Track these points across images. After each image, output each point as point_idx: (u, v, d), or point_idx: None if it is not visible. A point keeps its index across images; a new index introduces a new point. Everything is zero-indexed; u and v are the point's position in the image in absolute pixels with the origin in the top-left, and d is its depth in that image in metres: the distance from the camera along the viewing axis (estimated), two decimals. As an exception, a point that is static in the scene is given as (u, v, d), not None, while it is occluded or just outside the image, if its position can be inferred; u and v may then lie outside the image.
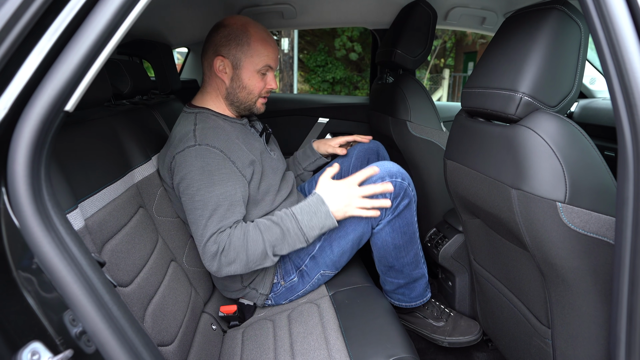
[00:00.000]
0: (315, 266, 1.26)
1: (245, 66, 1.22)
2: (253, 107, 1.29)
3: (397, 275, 1.34)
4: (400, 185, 1.22)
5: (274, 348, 1.05)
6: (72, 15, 0.53)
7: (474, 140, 1.01)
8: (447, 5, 2.01)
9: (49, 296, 0.53)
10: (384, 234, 1.27)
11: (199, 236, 1.10)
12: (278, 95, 2.68)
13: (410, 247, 1.30)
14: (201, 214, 1.10)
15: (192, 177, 1.11)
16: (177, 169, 1.14)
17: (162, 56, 1.86)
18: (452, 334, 1.44)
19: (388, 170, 1.22)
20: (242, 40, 1.21)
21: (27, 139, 0.52)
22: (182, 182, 1.13)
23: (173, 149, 1.17)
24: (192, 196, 1.11)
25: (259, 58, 1.22)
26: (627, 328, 0.63)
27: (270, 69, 1.27)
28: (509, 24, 0.94)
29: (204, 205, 1.10)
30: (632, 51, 0.58)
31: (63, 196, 0.78)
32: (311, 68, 11.00)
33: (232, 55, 1.22)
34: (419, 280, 1.37)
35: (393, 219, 1.24)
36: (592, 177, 0.77)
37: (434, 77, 11.15)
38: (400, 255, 1.30)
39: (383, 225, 1.25)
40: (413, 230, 1.30)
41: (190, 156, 1.12)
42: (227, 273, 1.11)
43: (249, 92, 1.25)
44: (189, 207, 1.12)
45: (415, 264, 1.34)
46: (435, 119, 1.69)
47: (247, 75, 1.23)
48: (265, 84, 1.27)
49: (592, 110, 2.04)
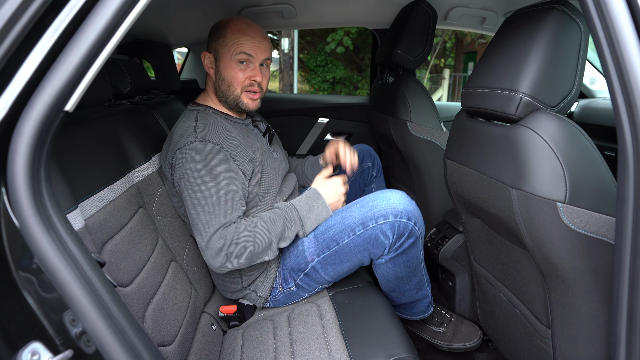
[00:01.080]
0: (311, 282, 1.25)
1: (222, 57, 1.23)
2: (239, 102, 1.25)
3: (399, 296, 1.33)
4: (405, 226, 1.14)
5: (274, 348, 1.05)
6: (72, 15, 0.53)
7: (474, 140, 1.01)
8: (447, 5, 2.01)
9: (48, 296, 0.53)
10: (386, 267, 1.23)
11: (201, 231, 1.10)
12: (278, 95, 2.67)
13: (413, 276, 1.27)
14: (202, 209, 1.10)
15: (193, 172, 1.11)
16: (178, 164, 1.14)
17: (162, 56, 1.86)
18: (452, 340, 1.44)
19: (392, 208, 1.14)
20: (219, 32, 1.23)
21: (27, 139, 0.51)
22: (183, 178, 1.13)
23: (174, 145, 1.17)
24: (194, 192, 1.11)
25: (234, 46, 1.21)
26: (627, 328, 0.63)
27: (250, 58, 1.22)
28: (509, 24, 0.94)
29: (206, 201, 1.10)
30: (632, 51, 0.58)
31: (63, 196, 0.77)
32: (311, 68, 11.00)
33: (213, 48, 1.24)
34: (421, 300, 1.36)
35: (396, 256, 1.19)
36: (592, 177, 0.77)
37: (434, 77, 11.14)
38: (402, 283, 1.27)
39: (384, 261, 1.21)
40: (417, 263, 1.25)
41: (191, 152, 1.12)
42: (231, 268, 1.11)
43: (229, 83, 1.23)
44: (190, 202, 1.12)
45: (417, 289, 1.31)
46: (436, 119, 1.69)
47: (224, 65, 1.23)
48: (246, 76, 1.23)
49: (592, 110, 2.04)
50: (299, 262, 1.23)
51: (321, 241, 1.20)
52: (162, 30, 1.93)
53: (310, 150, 2.47)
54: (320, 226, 1.22)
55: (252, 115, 1.42)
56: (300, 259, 1.23)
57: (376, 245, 1.16)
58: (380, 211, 1.14)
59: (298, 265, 1.24)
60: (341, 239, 1.18)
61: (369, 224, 1.15)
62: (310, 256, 1.21)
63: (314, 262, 1.21)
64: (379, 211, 1.14)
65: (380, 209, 1.14)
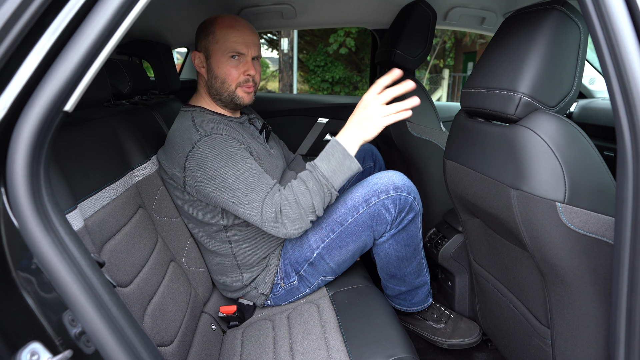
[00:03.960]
0: (315, 272, 1.26)
1: (214, 54, 1.22)
2: (234, 97, 1.25)
3: (399, 283, 1.34)
4: (406, 200, 1.17)
5: (274, 348, 1.05)
6: (71, 15, 0.52)
7: (474, 141, 1.01)
8: (447, 6, 2.01)
9: (48, 296, 0.53)
10: (387, 247, 1.24)
11: (251, 211, 1.09)
12: (278, 95, 2.68)
13: (413, 257, 1.29)
14: (241, 193, 1.09)
15: (215, 166, 1.10)
16: (195, 166, 1.12)
17: (162, 56, 1.86)
18: (451, 336, 1.44)
19: (393, 184, 1.17)
20: (208, 30, 1.22)
21: (26, 139, 0.51)
22: (206, 177, 1.11)
23: (180, 149, 1.15)
24: (224, 182, 1.10)
25: (224, 43, 1.20)
26: (627, 328, 0.63)
27: (241, 54, 1.22)
28: (509, 24, 0.94)
29: (240, 183, 1.09)
30: (631, 51, 0.58)
31: (62, 196, 0.77)
32: (311, 68, 11.00)
33: (203, 47, 1.23)
34: (421, 288, 1.37)
35: (397, 232, 1.22)
36: (591, 177, 0.77)
37: (433, 77, 11.14)
38: (403, 266, 1.29)
39: (386, 239, 1.23)
40: (417, 242, 1.27)
41: (203, 150, 1.12)
42: (296, 232, 1.10)
43: (223, 80, 1.23)
44: (225, 195, 1.10)
45: (417, 273, 1.33)
46: (435, 119, 1.69)
47: (216, 63, 1.22)
48: (240, 72, 1.23)
49: (591, 110, 2.05)
50: (304, 251, 1.24)
51: (325, 225, 1.21)
52: (162, 30, 1.93)
53: (309, 151, 2.47)
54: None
55: (247, 113, 1.41)
56: (304, 248, 1.24)
57: (379, 221, 1.18)
58: (381, 187, 1.17)
59: (303, 255, 1.24)
60: (345, 219, 1.19)
61: (372, 200, 1.17)
62: (315, 243, 1.22)
63: (320, 248, 1.22)
64: (380, 187, 1.17)
65: (382, 185, 1.17)
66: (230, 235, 1.24)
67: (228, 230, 1.24)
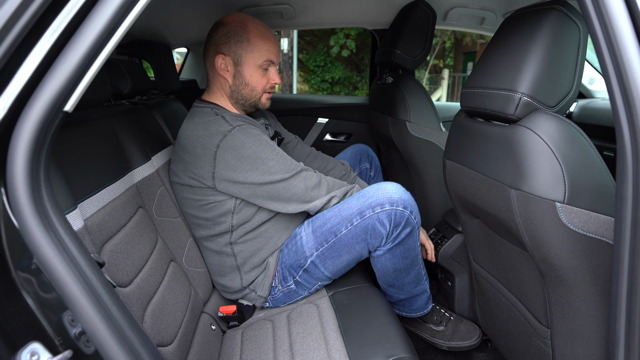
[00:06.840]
0: (310, 278, 1.25)
1: (247, 62, 1.22)
2: (258, 103, 1.29)
3: (397, 292, 1.33)
4: (402, 215, 1.15)
5: (274, 348, 1.05)
6: (71, 15, 0.53)
7: (473, 141, 1.01)
8: (447, 6, 2.01)
9: (48, 296, 0.53)
10: (384, 260, 1.23)
11: (294, 181, 1.18)
12: (278, 95, 2.68)
13: (411, 268, 1.27)
14: (283, 172, 1.16)
15: (253, 150, 1.13)
16: (229, 153, 1.12)
17: (162, 56, 1.85)
18: (451, 339, 1.44)
19: (389, 197, 1.14)
20: (241, 37, 1.20)
21: (26, 139, 0.51)
22: (244, 162, 1.13)
23: (206, 141, 1.14)
24: (265, 165, 1.15)
25: (259, 53, 1.21)
26: (626, 328, 0.63)
27: (272, 64, 1.25)
28: (508, 24, 0.94)
29: (280, 165, 1.17)
30: (630, 52, 0.58)
31: (62, 196, 0.77)
32: (310, 68, 11.00)
33: (233, 52, 1.21)
34: (420, 295, 1.36)
35: (394, 247, 1.19)
36: (591, 177, 0.77)
37: (433, 77, 11.14)
38: (400, 276, 1.27)
39: (382, 252, 1.21)
40: (415, 254, 1.25)
41: (238, 137, 1.13)
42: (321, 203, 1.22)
43: (252, 88, 1.24)
44: (267, 175, 1.15)
45: (416, 282, 1.31)
46: (435, 119, 1.69)
47: (248, 71, 1.23)
48: (268, 80, 1.26)
49: (591, 110, 2.05)
50: (298, 257, 1.23)
51: (319, 234, 1.21)
52: (162, 30, 1.93)
53: (309, 151, 2.47)
54: (318, 219, 1.23)
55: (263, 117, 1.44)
56: (299, 255, 1.23)
57: (374, 235, 1.16)
58: (376, 200, 1.15)
59: (297, 262, 1.24)
60: (339, 230, 1.18)
61: (366, 213, 1.15)
62: (309, 250, 1.22)
63: (313, 256, 1.21)
64: (375, 200, 1.15)
65: (377, 198, 1.15)
66: (234, 236, 1.24)
67: (233, 232, 1.24)
